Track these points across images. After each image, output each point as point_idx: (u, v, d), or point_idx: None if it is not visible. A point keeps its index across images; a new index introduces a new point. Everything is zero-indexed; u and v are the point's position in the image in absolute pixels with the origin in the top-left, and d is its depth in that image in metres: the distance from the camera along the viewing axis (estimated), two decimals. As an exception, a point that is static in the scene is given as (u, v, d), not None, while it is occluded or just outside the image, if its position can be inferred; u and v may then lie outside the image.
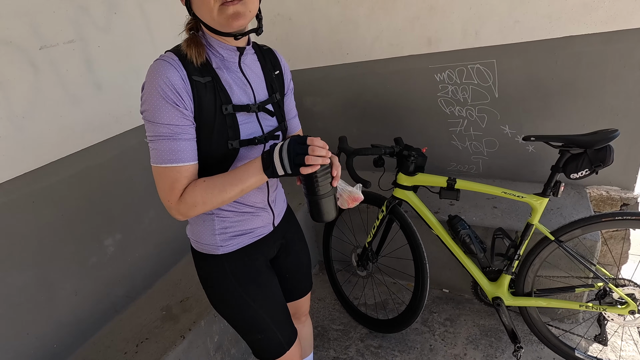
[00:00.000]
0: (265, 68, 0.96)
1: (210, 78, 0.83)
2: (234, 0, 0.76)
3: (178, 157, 0.79)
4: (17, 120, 1.32)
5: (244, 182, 0.81)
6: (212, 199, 0.81)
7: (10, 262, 1.33)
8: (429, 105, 2.09)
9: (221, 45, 0.86)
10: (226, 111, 0.84)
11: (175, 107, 0.77)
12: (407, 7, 1.91)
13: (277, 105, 0.96)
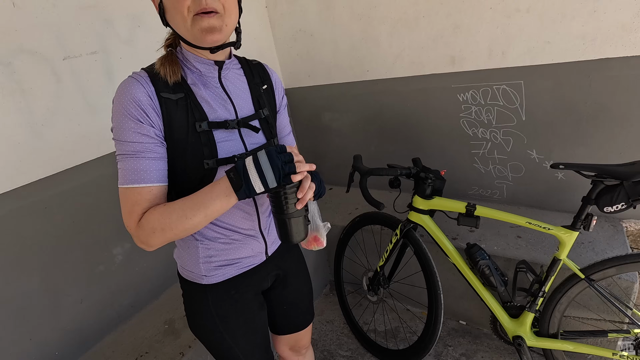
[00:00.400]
0: (251, 82, 0.91)
1: (183, 94, 0.79)
2: (209, 12, 0.72)
3: (139, 177, 0.74)
4: (37, 127, 1.35)
5: (207, 206, 0.73)
6: (172, 225, 0.72)
7: (18, 267, 1.34)
8: (450, 126, 2.01)
9: (197, 59, 0.81)
10: (200, 128, 0.79)
11: (139, 124, 0.73)
12: (430, 25, 1.86)
13: (264, 121, 0.90)
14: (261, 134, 0.89)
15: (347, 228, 1.97)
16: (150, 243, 0.75)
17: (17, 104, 1.30)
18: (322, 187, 0.87)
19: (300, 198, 0.75)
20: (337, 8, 2.09)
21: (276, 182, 0.70)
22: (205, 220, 0.74)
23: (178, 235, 0.74)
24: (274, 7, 2.32)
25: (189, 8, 0.71)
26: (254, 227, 0.92)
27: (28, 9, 1.31)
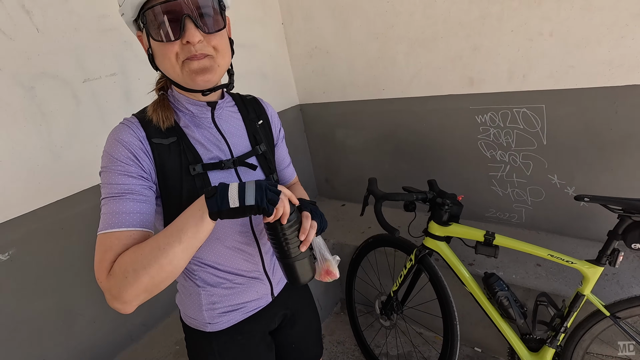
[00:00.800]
0: (247, 119, 0.89)
1: (176, 138, 0.77)
2: (198, 55, 0.69)
3: (120, 219, 0.66)
4: (56, 149, 1.37)
5: (179, 229, 0.63)
6: (145, 262, 0.62)
7: (35, 288, 1.35)
8: (467, 147, 1.97)
9: (189, 101, 0.79)
10: (194, 171, 0.76)
11: (127, 166, 0.70)
12: (449, 46, 1.83)
13: (262, 157, 0.88)
14: (259, 170, 0.87)
15: (360, 249, 1.95)
16: (123, 296, 0.62)
17: (38, 127, 1.32)
18: (324, 221, 0.85)
19: (303, 240, 0.73)
20: (354, 27, 2.08)
21: (254, 201, 0.64)
22: (184, 252, 0.64)
23: (155, 279, 0.63)
24: (290, 24, 2.33)
25: (178, 55, 0.70)
26: (257, 268, 0.89)
27: (51, 33, 1.33)
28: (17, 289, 1.31)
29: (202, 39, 0.69)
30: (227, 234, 0.82)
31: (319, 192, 2.79)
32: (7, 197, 1.27)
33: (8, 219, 1.27)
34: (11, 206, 1.28)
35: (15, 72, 1.25)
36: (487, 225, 2.06)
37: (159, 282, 0.64)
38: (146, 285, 0.63)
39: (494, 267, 1.76)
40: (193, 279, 0.86)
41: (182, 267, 0.66)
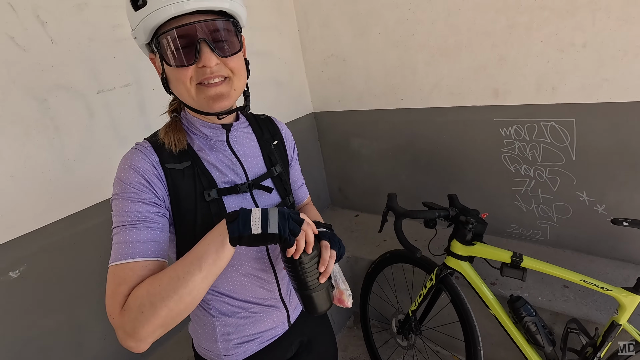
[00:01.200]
0: (261, 140, 0.86)
1: (190, 162, 0.74)
2: (217, 82, 0.67)
3: (134, 249, 0.63)
4: (69, 163, 1.33)
5: (200, 257, 0.60)
6: (163, 294, 0.58)
7: (45, 304, 1.32)
8: (490, 161, 1.89)
9: (203, 124, 0.77)
10: (209, 197, 0.73)
11: (140, 193, 0.66)
12: (473, 55, 1.76)
13: (278, 179, 0.85)
14: (275, 193, 0.84)
15: (376, 263, 1.88)
16: (138, 333, 0.57)
17: (51, 141, 1.28)
18: (342, 247, 0.80)
19: (322, 272, 0.70)
20: (373, 34, 2.01)
21: (277, 229, 0.62)
22: (203, 281, 0.60)
23: (173, 312, 0.58)
24: (306, 31, 2.27)
25: (192, 78, 0.67)
26: (274, 296, 0.85)
27: (65, 44, 1.29)
28: (27, 306, 1.27)
29: (218, 62, 0.66)
30: (242, 261, 0.79)
31: (332, 201, 2.74)
32: (19, 212, 1.23)
33: (19, 235, 1.24)
34: (23, 222, 1.24)
35: (28, 85, 1.22)
36: (510, 242, 1.98)
37: (177, 315, 0.60)
38: (164, 319, 0.58)
39: (517, 287, 1.68)
40: (207, 309, 0.82)
41: (200, 297, 0.62)
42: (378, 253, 1.96)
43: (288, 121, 2.30)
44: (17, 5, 1.18)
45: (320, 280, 0.71)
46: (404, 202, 1.63)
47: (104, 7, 1.38)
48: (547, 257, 1.82)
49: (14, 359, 1.25)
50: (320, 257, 0.71)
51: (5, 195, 1.20)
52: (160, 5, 0.61)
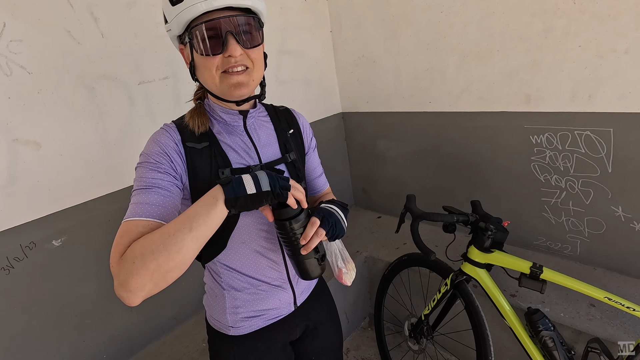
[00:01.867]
0: (278, 128, 0.92)
1: (208, 143, 0.81)
2: (239, 71, 0.75)
3: (143, 209, 0.67)
4: (109, 146, 1.46)
5: (192, 216, 0.63)
6: (154, 247, 0.60)
7: (81, 274, 1.45)
8: (519, 169, 1.83)
9: (223, 110, 0.84)
10: (223, 175, 0.80)
11: (159, 164, 0.74)
12: (505, 59, 1.71)
13: (291, 165, 0.90)
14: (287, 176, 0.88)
15: (393, 265, 1.88)
16: (129, 283, 0.60)
17: (95, 125, 1.42)
18: (339, 228, 0.81)
19: (304, 244, 0.75)
20: (403, 37, 2.02)
21: (269, 187, 0.67)
22: (193, 240, 0.62)
23: (162, 268, 0.60)
24: (338, 32, 2.32)
25: (218, 66, 0.74)
26: (281, 277, 0.91)
27: (114, 39, 1.42)
28: (65, 272, 1.41)
29: (242, 53, 0.74)
30: (252, 238, 0.85)
31: (355, 202, 2.75)
32: (64, 188, 1.37)
33: (63, 208, 1.38)
34: (67, 197, 1.38)
35: (80, 74, 1.36)
36: (535, 255, 1.90)
37: (166, 273, 0.62)
38: (152, 273, 0.60)
39: (539, 301, 1.61)
40: (219, 282, 0.89)
41: (190, 258, 0.64)
42: (396, 255, 1.95)
43: (316, 120, 2.35)
44: (75, 2, 1.32)
45: (302, 252, 0.76)
46: (426, 206, 1.62)
47: (150, 6, 1.50)
48: (576, 273, 1.72)
49: (54, 319, 1.40)
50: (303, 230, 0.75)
51: (54, 171, 1.34)
52: (194, 2, 0.69)
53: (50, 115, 1.31)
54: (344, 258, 0.89)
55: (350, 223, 2.55)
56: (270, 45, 1.99)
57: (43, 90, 1.28)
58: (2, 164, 1.23)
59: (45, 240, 1.35)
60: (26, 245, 1.31)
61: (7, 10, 1.19)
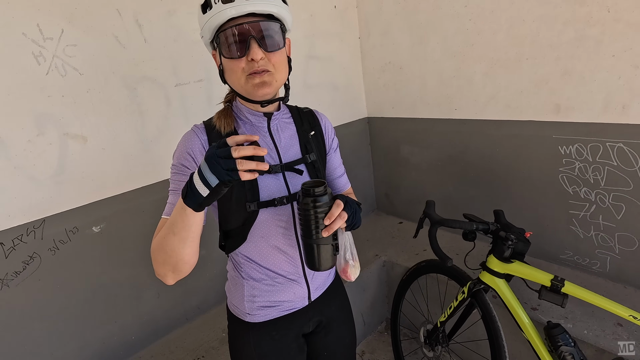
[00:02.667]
0: (300, 129, 0.96)
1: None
2: (261, 72, 0.79)
3: (167, 209, 0.82)
4: (147, 143, 1.58)
5: (172, 222, 0.72)
6: (157, 246, 0.75)
7: (115, 259, 1.57)
8: (546, 180, 1.78)
9: (249, 111, 0.89)
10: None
11: (184, 167, 0.83)
12: (534, 68, 1.68)
13: (311, 165, 0.93)
14: (306, 176, 0.93)
15: (411, 271, 1.88)
16: (156, 271, 0.79)
17: (135, 123, 1.54)
18: (357, 218, 0.85)
19: (327, 225, 0.76)
20: (430, 44, 2.03)
21: (217, 180, 0.64)
22: (181, 242, 0.71)
23: (167, 263, 0.74)
24: (366, 38, 2.36)
25: (243, 69, 0.80)
26: (297, 271, 0.95)
27: (155, 43, 1.54)
28: (102, 257, 1.54)
29: (263, 56, 0.79)
30: (271, 234, 0.90)
31: (377, 206, 2.76)
32: (105, 179, 1.50)
33: (103, 197, 1.51)
34: (107, 187, 1.51)
35: (123, 75, 1.48)
36: (561, 269, 1.84)
37: (174, 266, 0.76)
38: (164, 266, 0.76)
39: (562, 317, 1.56)
40: (240, 271, 0.95)
41: (188, 254, 0.74)
42: (415, 261, 1.96)
43: (342, 123, 2.40)
44: (122, 10, 1.45)
45: (323, 234, 0.76)
46: (448, 214, 1.62)
47: (188, 14, 1.62)
48: (605, 291, 1.65)
49: (89, 299, 1.52)
50: (329, 210, 0.76)
51: (97, 163, 1.47)
52: (221, 9, 0.76)
53: (97, 112, 1.44)
54: (352, 252, 0.91)
55: (372, 227, 2.56)
56: (299, 51, 2.06)
57: (91, 90, 1.42)
58: (53, 155, 1.37)
59: (86, 226, 1.48)
60: (70, 230, 1.44)
61: (65, 18, 1.33)
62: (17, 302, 1.35)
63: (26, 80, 1.28)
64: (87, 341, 1.53)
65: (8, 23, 1.23)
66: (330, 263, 0.81)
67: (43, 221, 1.38)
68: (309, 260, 0.81)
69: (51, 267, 1.42)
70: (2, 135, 1.26)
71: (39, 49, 1.29)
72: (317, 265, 0.80)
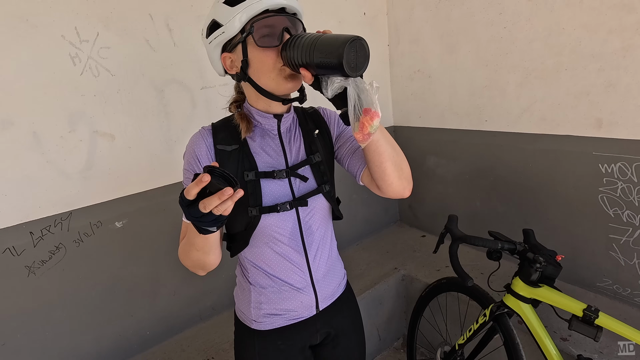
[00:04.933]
0: (305, 129, 0.93)
1: (238, 146, 0.85)
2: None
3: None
4: (171, 143, 1.62)
5: (190, 239, 0.76)
6: (182, 254, 0.82)
7: (135, 255, 1.62)
8: (584, 200, 1.65)
9: (259, 113, 0.87)
10: (247, 177, 0.83)
11: (191, 170, 0.84)
12: (574, 79, 1.57)
13: (316, 167, 0.90)
14: (312, 181, 0.90)
15: (431, 287, 1.79)
16: (187, 267, 0.85)
17: (161, 123, 1.59)
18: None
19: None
20: (462, 52, 1.95)
21: (208, 230, 0.68)
22: (201, 253, 0.77)
23: (194, 265, 0.82)
24: (396, 46, 2.31)
25: (275, 61, 0.78)
26: (304, 280, 0.92)
27: (184, 47, 1.59)
28: (122, 252, 1.59)
29: None
30: (273, 240, 0.88)
31: (400, 218, 2.69)
32: (129, 177, 1.55)
33: (127, 194, 1.56)
34: (131, 185, 1.56)
35: (152, 77, 1.54)
36: (598, 298, 1.69)
37: (199, 268, 0.83)
38: (191, 267, 0.83)
39: (596, 350, 1.43)
40: (247, 277, 0.94)
41: (211, 259, 0.80)
42: (436, 277, 1.87)
43: (366, 132, 2.36)
44: (154, 15, 1.51)
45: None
46: (474, 230, 1.54)
47: (218, 19, 1.65)
48: (647, 326, 1.49)
49: (109, 291, 1.57)
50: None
51: (123, 162, 1.53)
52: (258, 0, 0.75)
53: (125, 112, 1.50)
54: (357, 106, 0.70)
55: (393, 238, 2.49)
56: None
57: (121, 90, 1.48)
58: (83, 151, 1.43)
59: (109, 220, 1.54)
60: (94, 224, 1.50)
61: (101, 22, 1.40)
62: (41, 289, 1.42)
63: (62, 79, 1.35)
64: (104, 332, 1.58)
65: (50, 25, 1.31)
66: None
67: (70, 214, 1.44)
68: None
69: (75, 258, 1.48)
70: (38, 131, 1.34)
71: (75, 50, 1.36)
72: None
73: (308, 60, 0.69)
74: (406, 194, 0.89)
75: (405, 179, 0.87)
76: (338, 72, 0.67)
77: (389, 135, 0.84)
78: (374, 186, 0.89)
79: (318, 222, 0.92)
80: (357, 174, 0.91)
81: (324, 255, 0.95)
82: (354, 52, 0.66)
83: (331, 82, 0.70)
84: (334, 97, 0.73)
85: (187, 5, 1.58)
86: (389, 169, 0.82)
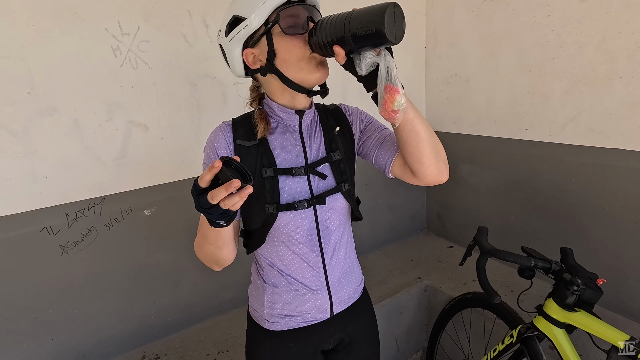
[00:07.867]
0: (326, 126, 0.90)
1: (258, 142, 0.83)
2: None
3: None
4: (201, 136, 1.66)
5: (204, 233, 0.79)
6: (197, 247, 0.84)
7: (161, 243, 1.67)
8: (633, 219, 1.50)
9: (281, 108, 0.85)
10: (265, 174, 0.82)
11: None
12: (628, 88, 1.44)
13: (335, 165, 0.88)
14: (330, 179, 0.87)
15: (455, 301, 1.71)
16: (202, 261, 0.87)
17: (192, 117, 1.62)
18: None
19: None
20: (503, 56, 1.85)
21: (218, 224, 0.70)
22: (213, 247, 0.79)
23: (207, 262, 0.85)
24: (433, 48, 2.24)
25: (303, 49, 0.77)
26: (320, 282, 0.90)
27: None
28: (148, 240, 1.64)
29: None
30: (290, 239, 0.87)
31: (427, 226, 2.59)
32: (160, 167, 1.60)
33: (157, 183, 1.61)
34: (161, 174, 1.61)
35: (187, 71, 1.58)
36: (643, 329, 1.53)
37: (216, 262, 0.84)
38: (208, 263, 0.85)
39: (637, 388, 1.29)
40: (262, 274, 0.93)
41: (225, 255, 0.81)
42: (461, 291, 1.79)
43: (396, 135, 2.30)
44: (193, 11, 1.55)
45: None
46: (507, 245, 1.45)
47: (253, 16, 1.67)
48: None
49: (134, 277, 1.63)
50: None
51: (154, 152, 1.58)
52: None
53: (159, 104, 1.55)
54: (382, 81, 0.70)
55: (418, 247, 2.41)
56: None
57: (157, 83, 1.53)
58: (118, 139, 1.49)
59: (139, 208, 1.59)
60: (124, 210, 1.56)
61: (142, 16, 1.46)
62: (72, 269, 1.49)
63: (103, 70, 1.42)
64: (127, 316, 1.64)
65: (95, 18, 1.38)
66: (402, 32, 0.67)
67: (103, 199, 1.51)
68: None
69: (105, 242, 1.54)
70: (79, 118, 1.41)
71: (117, 43, 1.42)
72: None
73: (343, 34, 0.67)
74: (444, 178, 0.84)
75: (442, 161, 0.82)
76: (379, 40, 0.65)
77: (422, 115, 0.79)
78: (408, 173, 0.84)
79: (336, 221, 0.90)
80: (386, 165, 0.87)
81: (341, 257, 0.93)
82: (392, 19, 0.64)
83: (364, 57, 0.69)
84: (366, 76, 0.71)
85: (225, 2, 1.61)
86: (426, 149, 0.77)
